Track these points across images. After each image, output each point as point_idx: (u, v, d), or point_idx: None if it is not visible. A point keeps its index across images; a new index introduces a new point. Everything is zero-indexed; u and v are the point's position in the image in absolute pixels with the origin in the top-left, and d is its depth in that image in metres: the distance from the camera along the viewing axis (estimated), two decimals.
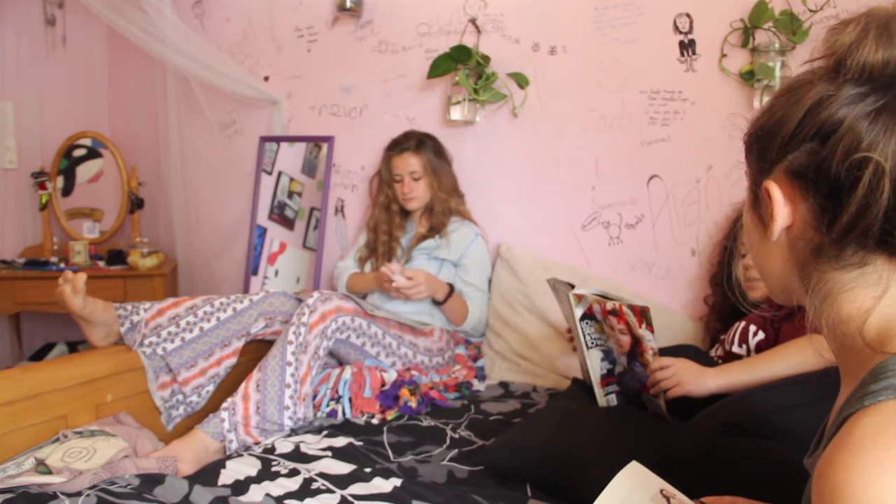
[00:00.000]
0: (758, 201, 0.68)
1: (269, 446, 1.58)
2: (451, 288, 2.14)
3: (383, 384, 1.84)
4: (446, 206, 2.25)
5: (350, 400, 1.79)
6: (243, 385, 1.70)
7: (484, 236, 2.27)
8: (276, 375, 1.69)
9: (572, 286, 1.71)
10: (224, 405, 1.67)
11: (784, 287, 0.69)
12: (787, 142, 0.62)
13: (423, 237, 2.25)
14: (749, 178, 0.70)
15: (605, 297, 1.53)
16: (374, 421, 1.75)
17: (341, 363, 1.95)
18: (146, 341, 1.79)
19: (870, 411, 0.53)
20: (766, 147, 0.65)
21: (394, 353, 1.95)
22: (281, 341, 1.75)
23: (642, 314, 1.44)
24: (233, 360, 1.85)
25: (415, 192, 2.25)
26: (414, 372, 1.95)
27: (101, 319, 1.79)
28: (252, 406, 1.66)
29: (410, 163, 2.24)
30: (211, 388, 1.83)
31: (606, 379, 1.61)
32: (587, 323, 1.58)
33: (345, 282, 2.35)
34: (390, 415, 1.78)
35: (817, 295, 0.63)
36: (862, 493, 0.49)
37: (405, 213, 2.34)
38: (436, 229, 2.25)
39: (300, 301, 1.94)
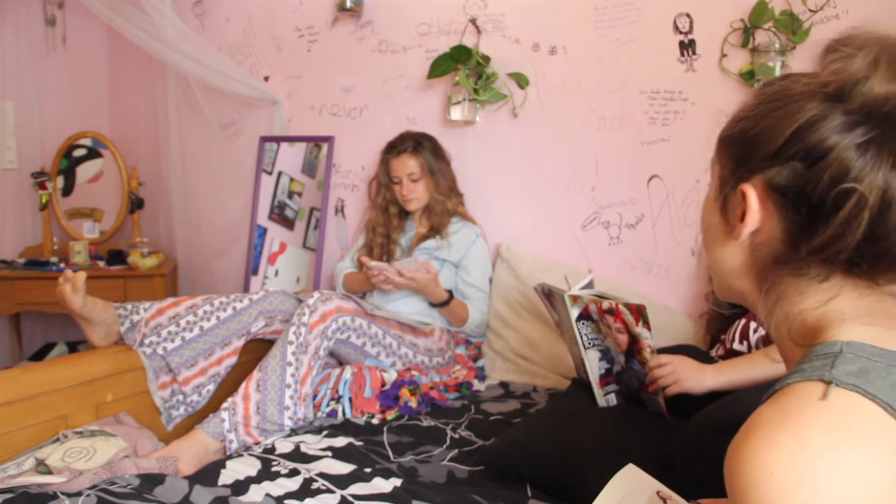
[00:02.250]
0: (724, 199, 0.69)
1: (269, 446, 1.58)
2: (450, 295, 2.13)
3: (383, 384, 1.84)
4: (445, 206, 2.25)
5: (350, 400, 1.79)
6: (243, 385, 1.70)
7: (484, 236, 2.27)
8: (277, 375, 1.69)
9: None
10: (224, 405, 1.67)
11: (732, 287, 0.71)
12: (771, 155, 0.62)
13: (424, 237, 2.25)
14: (718, 174, 0.70)
15: (601, 297, 1.53)
16: (374, 421, 1.75)
17: (341, 363, 1.95)
18: (146, 341, 1.79)
19: (774, 397, 0.57)
20: (747, 153, 0.65)
21: (394, 353, 1.95)
22: (281, 341, 1.75)
23: (639, 312, 1.44)
24: (233, 360, 1.85)
25: (414, 194, 2.23)
26: (414, 372, 1.95)
27: (100, 319, 1.79)
28: (252, 406, 1.66)
29: (408, 164, 2.22)
30: (211, 387, 1.83)
31: (605, 378, 1.61)
32: (583, 323, 1.58)
33: (341, 282, 2.35)
34: (390, 415, 1.78)
35: (771, 297, 0.65)
36: (758, 468, 0.51)
37: (404, 214, 2.34)
38: (436, 229, 2.24)
39: (300, 301, 1.94)
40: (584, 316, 1.58)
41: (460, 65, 2.25)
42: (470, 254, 2.22)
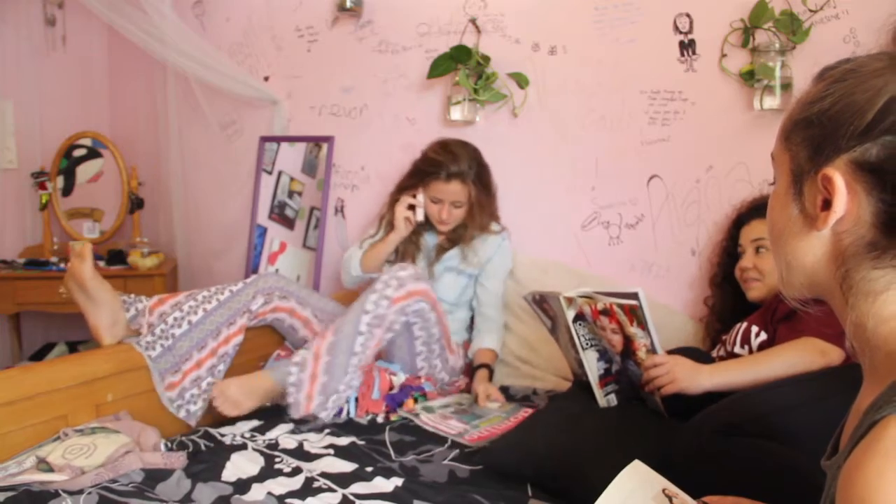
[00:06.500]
0: (799, 190, 0.65)
1: (273, 441, 1.58)
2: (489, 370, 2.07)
3: (391, 387, 1.85)
4: (469, 232, 2.11)
5: (356, 399, 1.80)
6: (315, 344, 1.77)
7: (509, 237, 2.19)
8: (347, 343, 1.74)
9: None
10: (295, 359, 1.76)
11: (810, 282, 0.66)
12: (860, 132, 0.58)
13: (445, 250, 2.14)
14: (788, 165, 0.66)
15: (592, 297, 1.52)
16: (379, 420, 1.76)
17: None
18: (157, 330, 1.78)
19: (882, 426, 0.52)
20: (828, 134, 0.61)
21: (429, 361, 1.95)
22: (357, 310, 1.78)
23: (632, 313, 1.44)
24: (240, 338, 1.86)
25: (451, 219, 2.08)
26: (423, 379, 1.96)
27: (106, 300, 1.77)
28: (321, 367, 1.73)
29: (456, 191, 2.04)
30: (222, 367, 1.83)
31: (605, 378, 1.61)
32: (580, 324, 1.58)
33: (358, 261, 2.17)
34: (394, 417, 1.79)
35: (858, 292, 0.61)
36: (892, 502, 0.48)
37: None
38: (454, 242, 2.14)
39: (291, 279, 1.97)
40: (580, 317, 1.57)
41: (460, 65, 2.25)
42: (496, 258, 2.13)
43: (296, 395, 1.71)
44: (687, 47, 2.00)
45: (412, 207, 2.09)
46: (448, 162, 2.03)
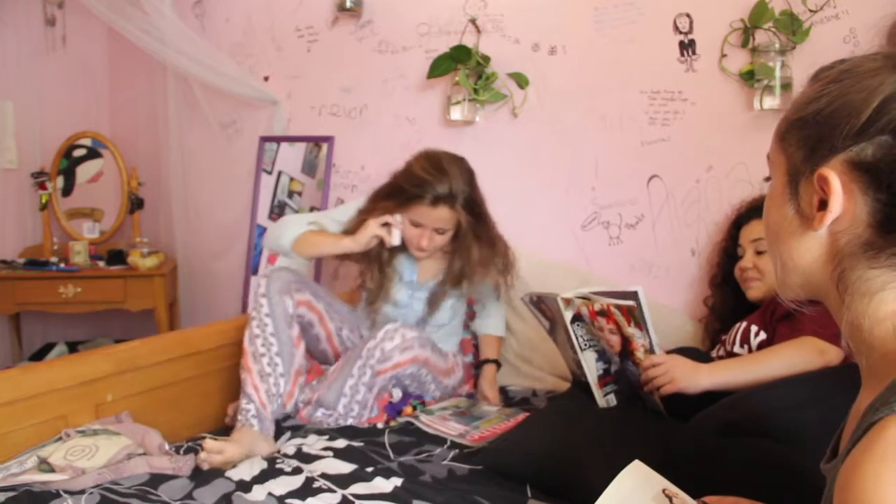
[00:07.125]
0: (795, 191, 0.65)
1: None
2: (497, 363, 2.06)
3: (390, 398, 1.85)
4: (470, 276, 1.88)
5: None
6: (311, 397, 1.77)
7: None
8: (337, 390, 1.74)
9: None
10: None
11: (807, 282, 0.66)
12: (855, 131, 0.59)
13: (445, 293, 1.95)
14: (784, 166, 0.66)
15: (590, 298, 1.51)
16: (379, 425, 1.76)
17: None
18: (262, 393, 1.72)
19: (880, 427, 0.52)
20: (824, 134, 0.61)
21: (428, 394, 1.94)
22: (344, 372, 1.75)
23: (630, 313, 1.44)
24: (303, 345, 1.81)
25: (432, 247, 1.82)
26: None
27: (246, 444, 1.61)
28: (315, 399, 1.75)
29: (442, 218, 1.79)
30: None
31: (604, 379, 1.61)
32: (578, 325, 1.58)
33: (296, 234, 1.88)
34: (394, 423, 1.80)
35: (854, 292, 0.61)
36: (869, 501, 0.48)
37: None
38: (457, 280, 1.92)
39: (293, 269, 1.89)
40: (578, 318, 1.57)
41: (460, 65, 2.25)
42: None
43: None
44: (687, 47, 2.00)
45: (387, 225, 1.81)
46: (436, 182, 1.75)
